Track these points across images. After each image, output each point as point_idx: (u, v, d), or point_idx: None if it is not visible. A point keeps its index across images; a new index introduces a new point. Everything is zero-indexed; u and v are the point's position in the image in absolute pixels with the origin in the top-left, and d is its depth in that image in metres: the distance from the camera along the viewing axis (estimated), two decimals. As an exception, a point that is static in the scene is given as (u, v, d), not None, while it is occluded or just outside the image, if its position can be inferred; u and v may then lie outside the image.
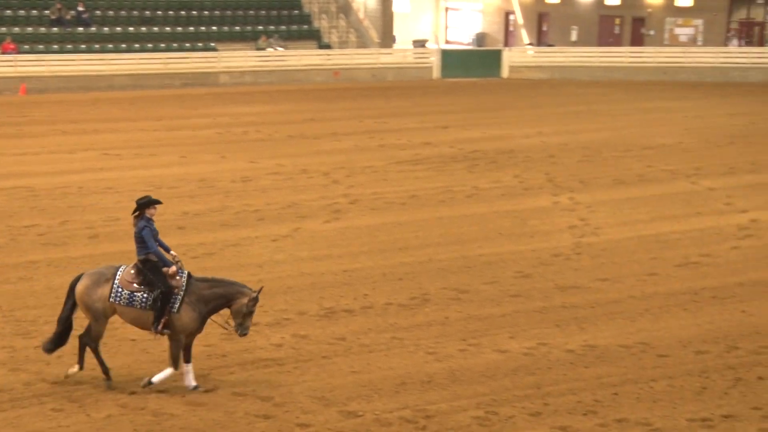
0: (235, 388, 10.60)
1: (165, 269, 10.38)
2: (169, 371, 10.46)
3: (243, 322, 10.37)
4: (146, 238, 10.39)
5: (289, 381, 10.69)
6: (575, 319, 12.92)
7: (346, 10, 45.29)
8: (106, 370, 10.58)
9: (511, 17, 52.71)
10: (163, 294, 10.29)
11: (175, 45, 40.58)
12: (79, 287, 10.46)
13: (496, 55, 42.76)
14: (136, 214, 10.52)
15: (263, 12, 44.02)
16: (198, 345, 11.84)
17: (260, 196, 19.76)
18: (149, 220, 10.48)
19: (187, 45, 40.75)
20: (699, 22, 44.36)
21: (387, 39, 45.80)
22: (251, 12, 43.85)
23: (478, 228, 17.41)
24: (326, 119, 29.86)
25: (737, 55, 41.01)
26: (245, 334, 10.46)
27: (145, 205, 10.49)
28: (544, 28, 50.60)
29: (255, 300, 10.34)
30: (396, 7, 48.80)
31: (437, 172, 22.16)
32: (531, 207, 18.97)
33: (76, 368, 10.62)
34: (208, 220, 17.79)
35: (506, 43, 50.98)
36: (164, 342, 10.73)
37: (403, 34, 51.48)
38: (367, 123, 29.25)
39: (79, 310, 10.55)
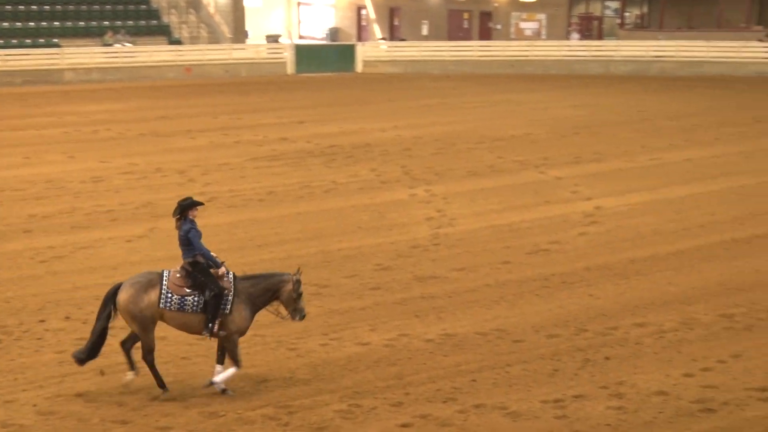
0: (88, 395, 10.30)
1: (214, 271, 10.25)
2: (232, 370, 10.35)
3: (296, 306, 10.44)
4: (194, 239, 10.21)
5: (146, 384, 10.46)
6: (434, 308, 13.15)
7: (195, 5, 44.50)
8: (161, 384, 10.36)
9: (363, 12, 53.07)
10: (215, 296, 10.17)
11: (14, 41, 38.90)
12: (123, 297, 10.13)
13: (349, 50, 42.98)
14: (178, 216, 10.35)
15: (109, 6, 42.76)
16: (52, 353, 11.44)
17: (113, 196, 19.23)
18: (193, 222, 10.30)
19: (28, 41, 39.14)
20: (542, 16, 45.89)
21: (239, 34, 45.30)
22: (96, 6, 42.50)
23: (337, 222, 17.48)
24: (179, 116, 29.30)
25: (578, 48, 42.65)
26: (304, 317, 10.51)
27: (188, 206, 10.34)
28: (396, 23, 51.19)
29: (298, 282, 10.40)
30: (247, 2, 48.31)
31: (294, 167, 22.10)
32: (388, 200, 19.17)
33: (131, 375, 10.38)
34: (57, 223, 17.18)
35: (359, 38, 51.31)
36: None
37: (256, 29, 51.03)
38: (221, 119, 28.87)
39: (115, 320, 10.28)
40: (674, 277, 14.54)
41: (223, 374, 10.39)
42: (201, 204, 10.53)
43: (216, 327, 10.23)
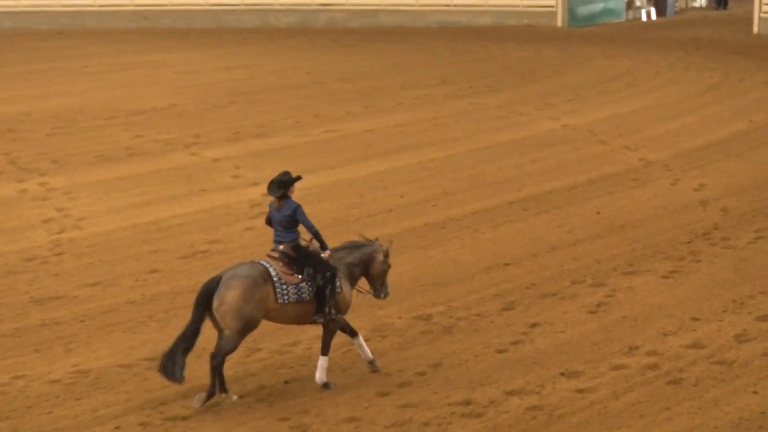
0: None
1: (322, 252, 11.35)
2: (323, 360, 11.41)
3: (383, 281, 11.72)
4: (306, 219, 11.34)
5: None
6: (60, 339, 12.67)
7: None
8: (224, 388, 11.06)
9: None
10: (331, 277, 11.19)
11: None
12: (233, 294, 10.81)
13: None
14: (280, 195, 11.22)
15: None
16: None
17: None
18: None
19: None
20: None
21: None
22: None
23: None
24: None
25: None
26: (388, 295, 11.85)
27: (292, 182, 11.31)
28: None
29: (388, 253, 11.66)
30: None
31: None
32: (-10, 199, 18.25)
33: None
34: None
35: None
36: None
37: None
38: None
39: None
40: (361, 276, 15.00)
41: (319, 371, 11.40)
42: (299, 178, 11.50)
43: (332, 310, 11.30)
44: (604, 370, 11.83)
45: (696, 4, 43.32)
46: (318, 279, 11.17)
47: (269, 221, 11.50)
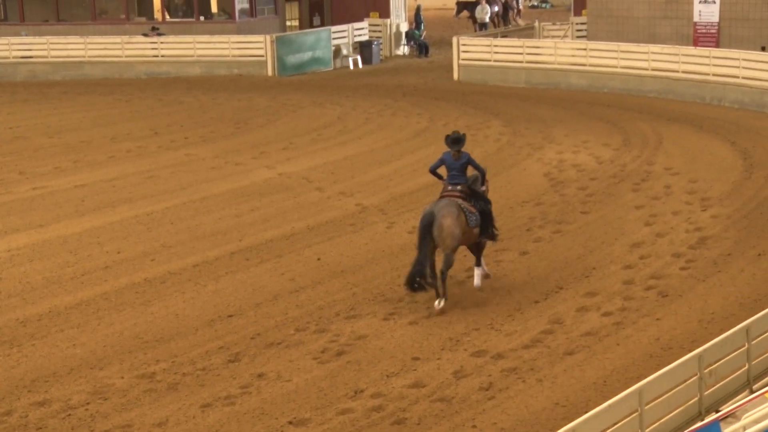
0: None
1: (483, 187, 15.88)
2: (480, 268, 15.89)
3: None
4: (476, 162, 15.79)
5: None
6: None
7: None
8: (445, 293, 15.30)
9: None
10: (490, 206, 15.78)
11: None
12: (448, 222, 14.89)
13: None
14: (459, 148, 15.45)
15: None
16: None
17: None
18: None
19: None
20: None
21: None
22: None
23: None
24: None
25: None
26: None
27: (464, 138, 15.58)
28: None
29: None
30: None
31: None
32: None
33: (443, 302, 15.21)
34: None
35: None
36: None
37: None
38: None
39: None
40: (79, 336, 14.65)
41: (477, 278, 15.82)
42: (465, 135, 15.72)
43: (494, 230, 15.86)
44: (331, 415, 12.05)
45: (399, 52, 44.91)
46: (486, 208, 15.55)
47: (434, 169, 15.80)
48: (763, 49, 31.79)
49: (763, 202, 20.48)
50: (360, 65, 42.25)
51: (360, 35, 43.75)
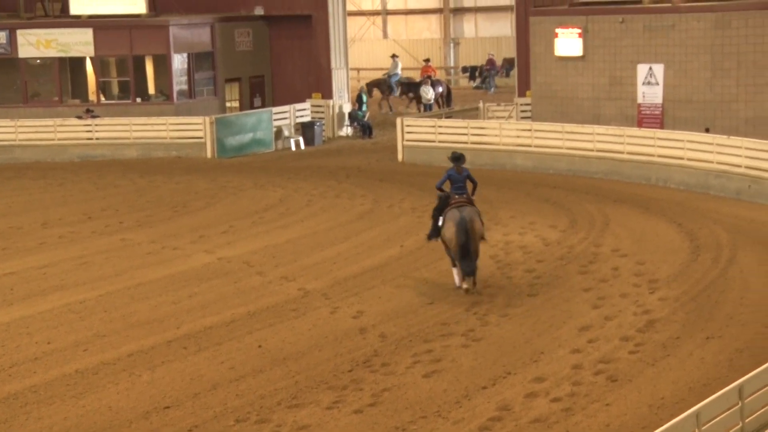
0: None
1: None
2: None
3: None
4: (472, 177, 20.66)
5: None
6: None
7: None
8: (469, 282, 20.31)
9: None
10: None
11: None
12: (478, 224, 20.11)
13: None
14: (462, 163, 20.53)
15: None
16: None
17: None
18: None
19: None
20: None
21: None
22: None
23: None
24: None
25: None
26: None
27: (463, 156, 20.80)
28: None
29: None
30: None
31: None
32: None
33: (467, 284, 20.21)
34: None
35: None
36: None
37: None
38: None
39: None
40: None
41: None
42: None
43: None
44: None
45: (343, 133, 45.13)
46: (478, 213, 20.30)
47: (441, 184, 20.75)
48: (707, 130, 32.33)
49: (710, 284, 20.69)
50: (302, 147, 42.38)
51: (302, 116, 43.95)
